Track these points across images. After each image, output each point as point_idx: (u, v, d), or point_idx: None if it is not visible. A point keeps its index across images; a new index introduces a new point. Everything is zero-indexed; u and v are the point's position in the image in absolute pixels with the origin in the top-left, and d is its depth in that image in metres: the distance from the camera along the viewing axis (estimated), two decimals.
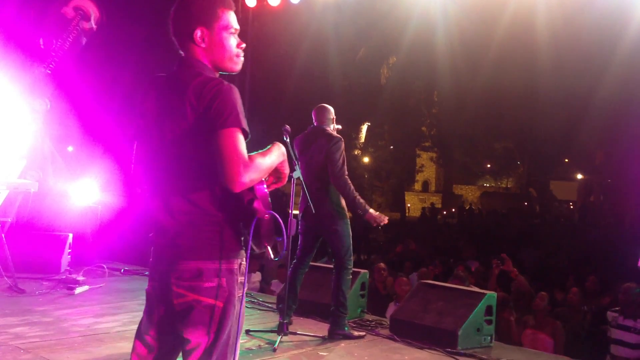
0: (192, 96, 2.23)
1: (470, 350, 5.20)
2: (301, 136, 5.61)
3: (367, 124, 35.91)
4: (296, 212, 5.32)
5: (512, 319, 7.10)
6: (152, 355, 2.37)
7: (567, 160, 39.75)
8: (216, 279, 2.24)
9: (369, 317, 6.25)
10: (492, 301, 5.48)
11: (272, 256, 2.46)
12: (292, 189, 5.29)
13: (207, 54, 2.39)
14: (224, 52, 2.41)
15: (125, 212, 9.20)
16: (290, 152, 4.99)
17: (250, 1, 9.28)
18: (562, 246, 14.99)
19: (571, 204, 38.70)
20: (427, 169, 50.80)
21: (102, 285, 7.12)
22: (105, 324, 5.55)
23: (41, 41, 7.62)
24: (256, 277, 9.21)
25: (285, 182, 2.49)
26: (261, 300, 6.73)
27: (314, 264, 6.37)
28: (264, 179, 2.36)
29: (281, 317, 5.34)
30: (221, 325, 2.25)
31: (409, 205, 45.82)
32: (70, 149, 10.06)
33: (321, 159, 5.40)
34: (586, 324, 7.43)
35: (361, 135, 36.23)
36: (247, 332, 5.34)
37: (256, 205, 2.27)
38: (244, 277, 2.35)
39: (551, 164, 38.45)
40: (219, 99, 2.20)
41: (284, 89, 20.08)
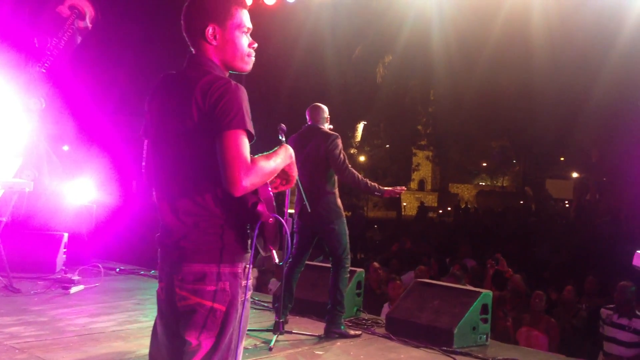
0: (199, 95, 2.20)
1: (466, 348, 5.21)
2: (296, 135, 5.60)
3: (363, 122, 35.93)
4: (291, 210, 5.32)
5: (509, 324, 7.11)
6: (164, 354, 2.36)
7: (562, 158, 39.78)
8: (219, 283, 2.22)
9: (365, 315, 6.25)
10: (488, 300, 5.50)
11: (277, 260, 2.44)
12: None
13: (218, 52, 2.36)
14: (236, 51, 2.38)
15: (120, 211, 9.20)
16: None
17: None
18: (557, 244, 15.01)
19: (567, 202, 38.79)
20: (423, 167, 50.84)
21: (97, 284, 7.11)
22: (100, 323, 5.54)
23: (36, 40, 7.60)
24: (253, 272, 9.18)
25: (293, 184, 2.45)
26: (257, 299, 6.73)
27: (310, 263, 6.37)
28: (269, 182, 2.33)
29: (277, 316, 5.33)
30: (223, 328, 2.24)
31: (404, 204, 45.80)
32: (65, 148, 10.05)
33: (319, 157, 5.41)
34: (581, 321, 7.44)
35: (357, 134, 36.25)
36: None
37: (260, 208, 2.24)
38: (249, 280, 2.33)
39: (547, 162, 38.47)
40: (225, 99, 2.17)
41: (279, 87, 20.05)
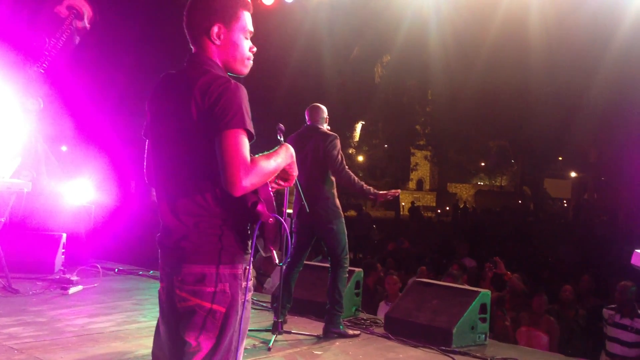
0: (198, 94, 2.19)
1: (464, 348, 5.21)
2: (294, 135, 5.60)
3: (362, 122, 35.96)
4: (289, 211, 5.32)
5: (508, 324, 7.11)
6: (166, 355, 2.37)
7: (560, 158, 39.83)
8: (219, 284, 2.21)
9: (364, 315, 6.26)
10: (486, 299, 5.50)
11: (278, 261, 2.44)
12: (286, 187, 5.28)
13: (220, 53, 2.35)
14: (237, 53, 2.37)
15: (119, 211, 9.19)
16: None
17: None
18: (556, 244, 15.03)
19: (565, 201, 38.83)
20: (421, 167, 50.90)
21: (96, 285, 7.10)
22: (99, 323, 5.53)
23: (34, 40, 7.59)
24: (252, 273, 9.17)
25: (292, 183, 2.44)
26: (256, 299, 6.73)
27: (309, 263, 6.38)
28: (269, 181, 2.32)
29: (276, 316, 5.33)
30: (223, 330, 2.23)
31: (403, 203, 45.84)
32: (63, 148, 10.05)
33: (318, 157, 5.41)
34: (580, 321, 7.45)
35: (355, 134, 36.29)
36: None
37: (260, 208, 2.23)
38: (250, 281, 2.33)
39: (545, 162, 38.50)
40: (225, 98, 2.16)
41: (277, 88, 20.05)
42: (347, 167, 5.50)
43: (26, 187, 6.85)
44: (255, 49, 2.43)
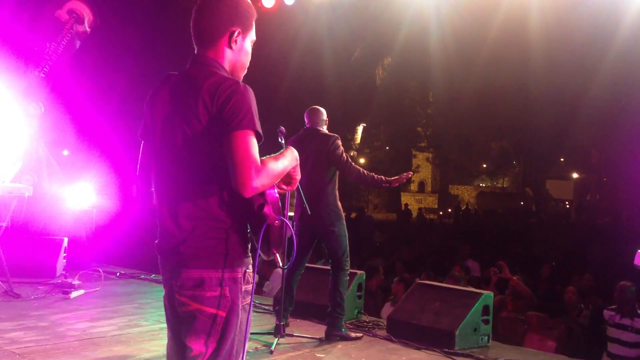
0: (206, 95, 2.18)
1: (467, 350, 5.19)
2: (295, 138, 5.58)
3: (363, 124, 35.96)
4: (291, 213, 5.31)
5: (516, 327, 7.08)
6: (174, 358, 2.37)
7: (562, 159, 39.84)
8: (219, 288, 2.20)
9: (366, 318, 6.24)
10: (489, 301, 5.48)
11: (281, 264, 2.42)
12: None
13: (232, 57, 2.36)
14: (245, 60, 2.41)
15: (120, 215, 9.18)
16: None
17: None
18: (558, 245, 15.01)
19: (567, 203, 38.80)
20: (423, 169, 50.82)
21: (97, 289, 7.09)
22: (101, 328, 5.53)
23: (35, 48, 7.60)
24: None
25: (295, 187, 2.43)
26: (258, 302, 6.72)
27: (310, 266, 6.36)
28: (275, 184, 2.32)
29: (278, 319, 5.32)
30: (223, 335, 2.22)
31: (408, 205, 45.83)
32: (65, 152, 10.05)
33: (320, 160, 5.40)
34: (584, 322, 7.43)
35: (357, 136, 36.29)
36: None
37: (266, 210, 2.22)
38: (250, 285, 2.31)
39: (547, 163, 38.54)
40: (234, 100, 2.15)
41: (278, 90, 20.07)
42: (353, 163, 5.52)
43: (27, 192, 6.86)
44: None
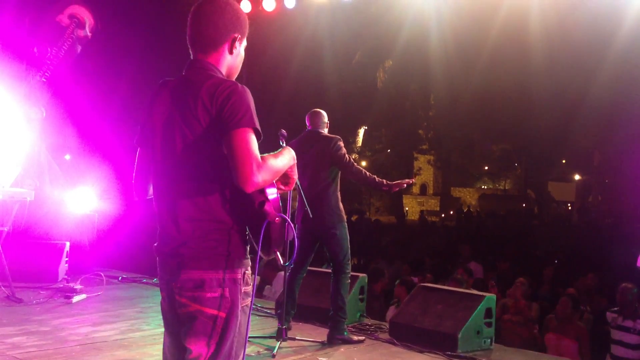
0: (206, 97, 2.22)
1: (470, 353, 5.18)
2: (296, 141, 5.58)
3: (364, 127, 35.96)
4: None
5: (536, 332, 7.09)
6: None
7: (564, 161, 39.83)
8: (219, 289, 2.22)
9: (368, 321, 6.23)
10: (492, 303, 5.47)
11: (282, 262, 2.43)
12: (289, 193, 5.27)
13: (230, 61, 2.42)
14: (239, 64, 2.47)
15: (122, 219, 9.18)
16: None
17: (245, 6, 9.28)
18: (560, 247, 14.99)
19: (569, 204, 38.78)
20: (424, 172, 50.77)
21: (99, 293, 7.08)
22: (103, 332, 5.52)
23: (36, 49, 7.61)
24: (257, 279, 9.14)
25: (292, 187, 2.46)
26: (260, 305, 6.71)
27: (313, 269, 6.36)
28: (273, 182, 2.34)
29: (280, 323, 5.31)
30: (223, 336, 2.23)
31: (407, 208, 45.79)
32: (67, 157, 10.04)
33: (323, 161, 5.40)
34: (587, 324, 7.41)
35: (358, 139, 36.30)
36: None
37: (267, 208, 2.24)
38: (249, 286, 2.32)
39: (548, 165, 38.52)
40: (233, 99, 2.20)
41: (279, 93, 20.09)
42: (355, 163, 5.54)
43: (29, 196, 6.85)
44: None
